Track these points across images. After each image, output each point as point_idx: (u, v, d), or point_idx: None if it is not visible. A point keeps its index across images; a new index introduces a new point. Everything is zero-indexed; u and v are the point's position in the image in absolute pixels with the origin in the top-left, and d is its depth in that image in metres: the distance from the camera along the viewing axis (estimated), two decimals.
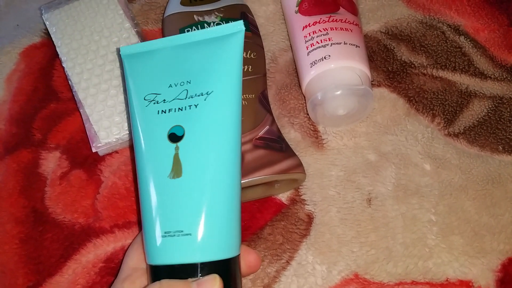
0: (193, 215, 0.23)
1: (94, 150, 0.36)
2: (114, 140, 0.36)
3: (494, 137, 0.38)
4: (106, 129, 0.36)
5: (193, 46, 0.27)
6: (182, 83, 0.26)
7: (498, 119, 0.39)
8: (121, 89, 0.38)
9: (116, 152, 0.37)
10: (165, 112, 0.25)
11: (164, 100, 0.26)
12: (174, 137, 0.25)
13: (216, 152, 0.25)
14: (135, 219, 0.35)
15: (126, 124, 0.36)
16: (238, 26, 0.27)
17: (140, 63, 0.27)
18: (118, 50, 0.27)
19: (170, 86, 0.26)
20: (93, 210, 0.35)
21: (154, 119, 0.25)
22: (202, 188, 0.24)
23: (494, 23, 0.43)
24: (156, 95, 0.26)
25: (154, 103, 0.26)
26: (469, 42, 0.42)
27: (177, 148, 0.24)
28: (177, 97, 0.25)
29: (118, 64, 0.39)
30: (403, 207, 0.35)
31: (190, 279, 0.23)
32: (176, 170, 0.24)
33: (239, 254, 0.26)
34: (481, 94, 0.40)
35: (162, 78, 0.26)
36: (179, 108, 0.25)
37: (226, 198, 0.24)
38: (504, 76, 0.41)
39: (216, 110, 0.25)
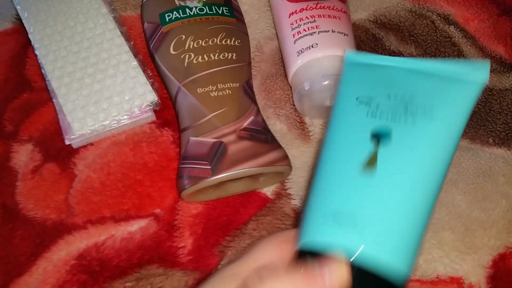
0: (384, 218, 0.22)
1: (67, 142, 0.34)
2: (89, 131, 0.34)
3: (484, 130, 0.37)
4: (80, 120, 0.34)
5: (424, 74, 0.25)
6: (402, 98, 0.24)
7: (488, 111, 0.38)
8: (96, 77, 0.35)
9: (91, 144, 0.35)
10: (374, 116, 0.24)
11: (378, 105, 0.25)
12: (377, 137, 0.24)
13: (421, 174, 0.23)
14: (109, 214, 0.33)
15: (101, 115, 0.34)
16: (482, 73, 0.24)
17: (361, 70, 0.26)
18: (344, 55, 0.27)
19: (388, 97, 0.25)
20: (66, 206, 0.33)
21: (360, 118, 0.25)
22: (396, 195, 0.22)
23: (484, 13, 0.43)
24: (370, 98, 0.25)
25: (365, 105, 0.25)
26: (459, 32, 0.41)
27: (377, 148, 0.23)
28: (393, 108, 0.24)
29: (93, 51, 0.36)
30: None
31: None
32: (371, 166, 0.23)
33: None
34: None
35: (381, 88, 0.25)
36: (392, 117, 0.24)
37: (418, 217, 0.22)
38: (494, 67, 0.40)
39: (435, 136, 0.23)
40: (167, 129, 0.36)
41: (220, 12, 0.37)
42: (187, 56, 0.35)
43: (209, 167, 0.31)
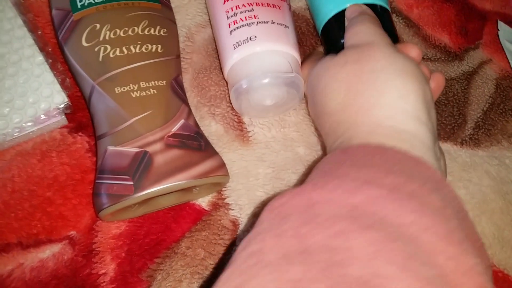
0: None
1: None
2: None
3: None
4: None
5: None
6: None
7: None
8: None
9: None
10: None
11: None
12: None
13: None
14: (15, 239, 0.28)
15: (1, 123, 0.29)
16: None
17: None
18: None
19: None
20: None
21: None
22: None
23: None
24: None
25: None
26: (401, 21, 0.39)
27: None
28: None
29: None
30: None
31: None
32: None
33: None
34: None
35: None
36: None
37: None
38: (438, 56, 0.39)
39: None
40: (82, 134, 0.31)
41: None
42: (102, 48, 0.29)
43: (131, 182, 0.26)
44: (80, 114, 0.31)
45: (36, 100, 0.29)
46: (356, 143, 0.23)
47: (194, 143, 0.29)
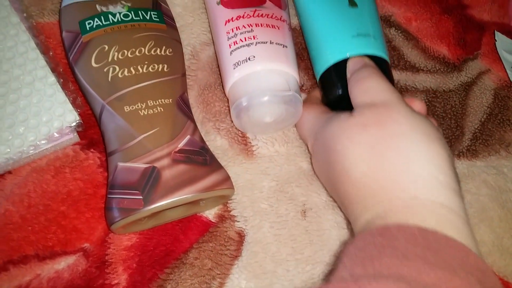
0: (373, 25, 0.33)
1: None
2: (4, 160, 0.30)
3: None
4: None
5: None
6: None
7: (432, 114, 0.37)
8: (9, 98, 0.31)
9: (9, 172, 0.31)
10: None
11: None
12: None
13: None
14: (32, 252, 0.29)
15: (17, 141, 0.30)
16: None
17: None
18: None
19: None
20: None
21: None
22: (370, 12, 0.33)
23: (426, 12, 0.42)
24: None
25: None
26: (400, 34, 0.40)
27: None
28: None
29: (4, 67, 0.32)
30: (339, 217, 0.32)
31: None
32: (352, 3, 0.33)
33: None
34: (413, 88, 0.38)
35: None
36: None
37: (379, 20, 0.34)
38: (437, 68, 0.40)
39: None
40: (93, 151, 0.32)
41: (148, 17, 0.33)
42: (111, 69, 0.31)
43: (141, 197, 0.28)
44: (91, 131, 0.33)
45: (49, 119, 0.31)
46: (393, 222, 0.23)
47: (200, 158, 0.30)
